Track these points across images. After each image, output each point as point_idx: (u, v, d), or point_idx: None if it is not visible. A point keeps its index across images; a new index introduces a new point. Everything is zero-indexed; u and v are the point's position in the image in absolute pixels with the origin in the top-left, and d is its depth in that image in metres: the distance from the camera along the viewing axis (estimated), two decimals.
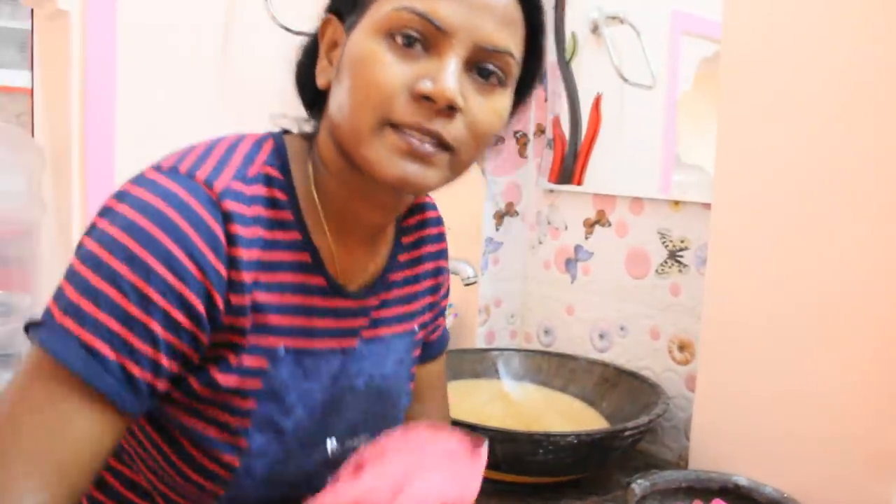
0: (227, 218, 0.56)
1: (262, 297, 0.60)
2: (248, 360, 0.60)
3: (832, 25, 0.89)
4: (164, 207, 0.54)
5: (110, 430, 0.53)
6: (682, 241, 1.25)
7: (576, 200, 1.44)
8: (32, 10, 1.38)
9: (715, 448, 1.02)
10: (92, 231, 0.55)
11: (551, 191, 1.49)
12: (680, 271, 1.25)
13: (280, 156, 0.63)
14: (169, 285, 0.53)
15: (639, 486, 0.92)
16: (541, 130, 1.52)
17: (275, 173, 0.62)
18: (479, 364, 1.37)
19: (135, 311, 0.52)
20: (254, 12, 1.23)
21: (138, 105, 1.19)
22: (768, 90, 0.95)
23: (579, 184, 1.43)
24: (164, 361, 0.54)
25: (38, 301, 1.36)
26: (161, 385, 0.56)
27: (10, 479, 0.48)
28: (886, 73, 0.84)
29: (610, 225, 1.38)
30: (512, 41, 0.59)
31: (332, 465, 0.65)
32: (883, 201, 0.84)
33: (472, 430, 1.00)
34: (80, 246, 0.55)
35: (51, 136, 1.34)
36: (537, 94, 1.52)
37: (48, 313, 0.53)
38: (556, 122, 1.47)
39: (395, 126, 0.57)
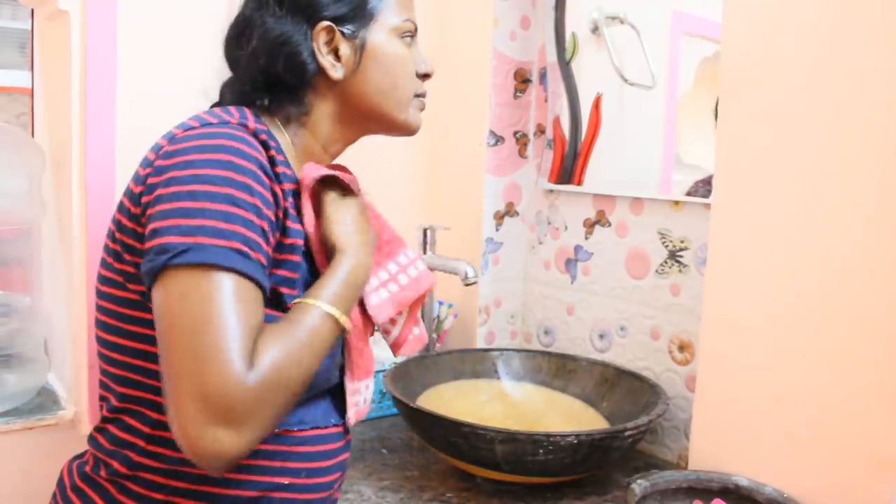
0: (264, 145, 0.76)
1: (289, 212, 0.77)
2: (287, 265, 0.77)
3: (832, 25, 0.89)
4: (231, 142, 0.72)
5: (260, 304, 0.70)
6: (682, 242, 1.25)
7: (576, 200, 1.44)
8: (32, 10, 1.38)
9: (715, 448, 1.02)
10: (182, 178, 0.70)
11: (551, 191, 1.49)
12: (680, 271, 1.25)
13: (256, 117, 0.82)
14: (261, 195, 0.71)
15: (639, 486, 0.92)
16: (541, 130, 1.52)
17: (261, 127, 0.80)
18: (479, 364, 1.37)
19: (254, 219, 0.70)
20: None
21: (138, 105, 1.19)
22: (768, 90, 0.95)
23: (579, 184, 1.43)
24: (271, 252, 0.74)
25: (38, 301, 1.36)
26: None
27: (225, 348, 0.65)
28: (887, 72, 0.84)
29: (610, 225, 1.38)
30: None
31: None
32: (883, 201, 0.84)
33: (473, 430, 1.00)
34: (180, 192, 0.69)
35: (51, 136, 1.34)
36: (538, 94, 1.52)
37: (189, 244, 0.67)
38: (557, 123, 1.47)
39: (418, 95, 0.90)
